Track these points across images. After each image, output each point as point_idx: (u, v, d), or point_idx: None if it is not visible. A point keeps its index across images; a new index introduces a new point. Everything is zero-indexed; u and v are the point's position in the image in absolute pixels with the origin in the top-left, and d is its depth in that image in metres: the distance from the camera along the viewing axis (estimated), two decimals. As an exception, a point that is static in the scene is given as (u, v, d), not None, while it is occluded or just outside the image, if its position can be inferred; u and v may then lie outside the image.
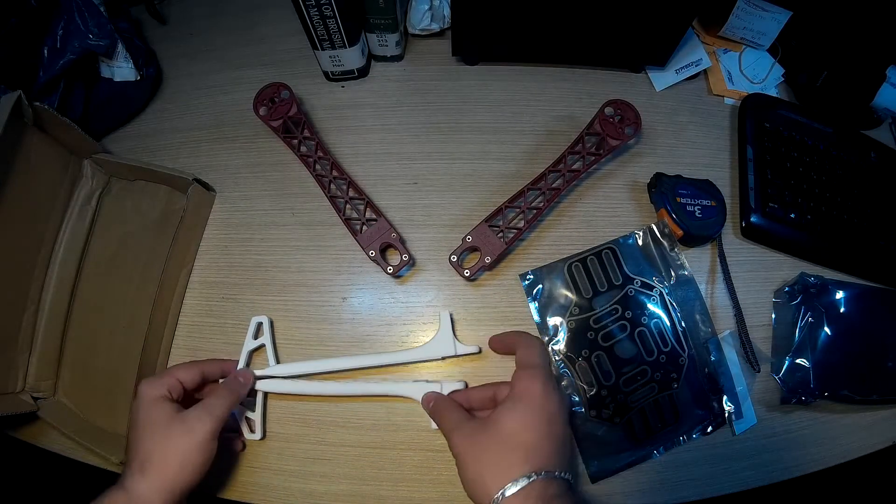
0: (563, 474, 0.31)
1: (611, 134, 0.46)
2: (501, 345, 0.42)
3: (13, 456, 0.47)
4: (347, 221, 0.45)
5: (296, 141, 0.47)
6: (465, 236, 0.44)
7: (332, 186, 0.46)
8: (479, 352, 0.43)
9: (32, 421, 0.42)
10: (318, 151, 0.47)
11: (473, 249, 0.44)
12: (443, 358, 0.42)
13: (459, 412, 0.36)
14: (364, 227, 0.44)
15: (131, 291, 0.45)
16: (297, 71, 0.55)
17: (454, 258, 0.43)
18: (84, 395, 0.43)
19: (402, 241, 0.44)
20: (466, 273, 0.43)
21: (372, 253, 0.43)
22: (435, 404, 0.38)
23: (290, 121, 0.47)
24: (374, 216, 0.45)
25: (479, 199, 0.48)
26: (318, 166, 0.47)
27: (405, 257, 0.44)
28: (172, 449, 0.33)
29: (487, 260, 0.43)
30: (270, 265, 0.47)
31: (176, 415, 0.34)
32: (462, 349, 0.42)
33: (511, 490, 0.30)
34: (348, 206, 0.45)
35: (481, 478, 0.31)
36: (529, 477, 0.30)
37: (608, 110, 0.47)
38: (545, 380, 0.34)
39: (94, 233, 0.47)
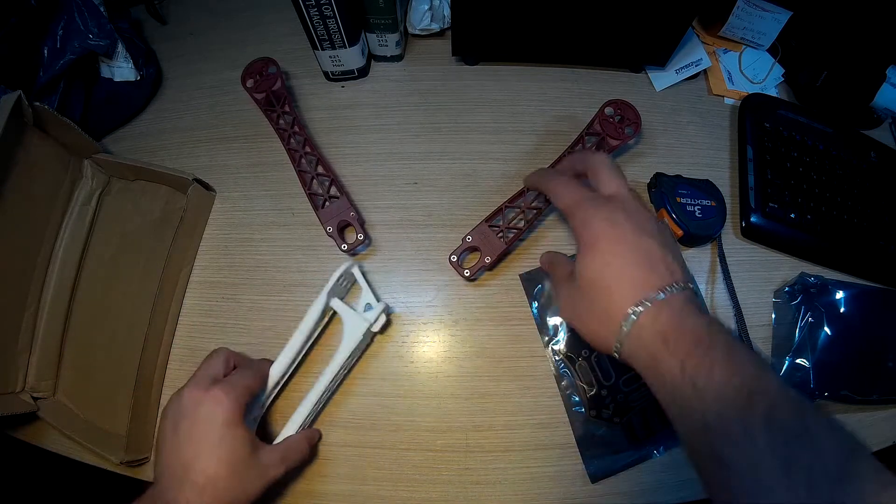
0: (664, 293, 0.28)
1: (611, 134, 0.46)
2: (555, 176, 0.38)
3: (13, 456, 0.47)
4: (312, 196, 0.45)
5: (275, 115, 0.48)
6: (465, 236, 0.44)
7: (303, 161, 0.47)
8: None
9: (32, 421, 0.42)
10: (295, 126, 0.48)
11: (473, 249, 0.44)
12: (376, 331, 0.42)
13: (563, 269, 0.36)
14: (326, 203, 0.45)
15: (131, 291, 0.45)
16: (297, 71, 0.55)
17: (454, 258, 0.43)
18: (84, 395, 0.43)
19: (361, 221, 0.45)
20: (466, 273, 0.43)
21: (329, 229, 0.44)
22: (546, 259, 0.41)
23: (272, 95, 0.48)
24: (337, 193, 0.46)
25: (479, 199, 0.48)
26: (292, 140, 0.47)
27: (360, 236, 0.44)
28: (247, 489, 0.32)
29: (487, 260, 0.43)
30: (270, 265, 0.47)
31: (253, 454, 0.33)
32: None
33: (624, 339, 0.29)
34: (315, 181, 0.46)
35: (595, 336, 0.31)
36: (628, 318, 0.28)
37: (608, 110, 0.47)
38: (609, 213, 0.32)
39: (94, 233, 0.47)
